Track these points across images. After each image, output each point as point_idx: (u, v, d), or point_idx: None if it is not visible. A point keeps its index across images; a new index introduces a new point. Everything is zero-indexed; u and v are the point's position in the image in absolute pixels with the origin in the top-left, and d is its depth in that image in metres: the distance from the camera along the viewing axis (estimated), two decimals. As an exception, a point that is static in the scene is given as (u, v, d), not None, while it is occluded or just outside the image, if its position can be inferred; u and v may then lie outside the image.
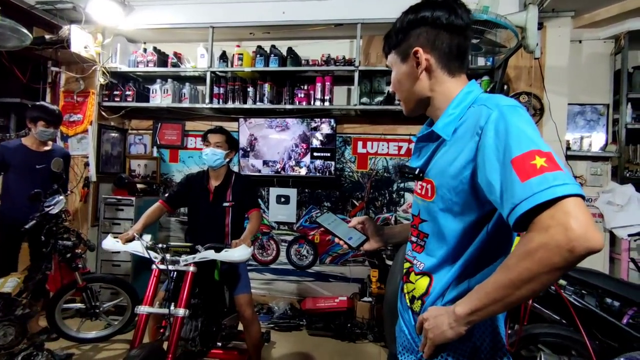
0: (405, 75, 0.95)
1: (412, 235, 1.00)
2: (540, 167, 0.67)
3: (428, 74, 0.91)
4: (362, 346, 3.01)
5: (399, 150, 3.58)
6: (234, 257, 2.01)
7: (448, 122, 0.88)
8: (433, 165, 0.91)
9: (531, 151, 0.69)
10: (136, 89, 3.65)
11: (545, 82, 2.91)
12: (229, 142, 2.49)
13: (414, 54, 0.91)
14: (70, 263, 2.54)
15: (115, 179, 3.62)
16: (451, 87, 0.91)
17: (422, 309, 0.91)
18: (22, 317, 2.21)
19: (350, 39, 3.54)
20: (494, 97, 0.84)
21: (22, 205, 2.64)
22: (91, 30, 3.49)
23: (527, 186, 0.66)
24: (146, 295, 1.96)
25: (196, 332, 2.12)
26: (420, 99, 0.95)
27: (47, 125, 2.73)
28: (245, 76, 3.52)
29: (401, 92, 0.98)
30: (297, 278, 3.72)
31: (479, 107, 0.83)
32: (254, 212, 2.44)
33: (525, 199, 0.66)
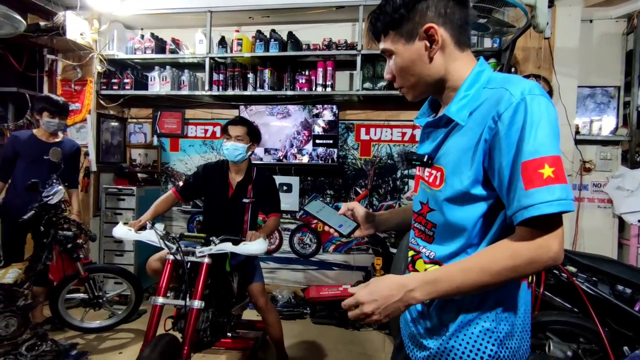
0: (414, 58, 0.84)
1: (416, 222, 0.95)
2: (547, 178, 0.69)
3: (442, 52, 0.83)
4: (366, 334, 3.00)
5: (402, 137, 3.51)
6: (252, 250, 1.98)
7: (463, 105, 0.81)
8: (444, 151, 0.85)
9: (542, 158, 0.70)
10: (134, 76, 3.58)
11: (554, 64, 2.81)
12: (251, 134, 2.34)
13: (426, 32, 0.81)
14: (71, 253, 2.52)
15: (115, 168, 3.59)
16: (462, 64, 0.84)
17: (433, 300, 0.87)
18: (24, 308, 2.20)
19: (352, 22, 3.44)
20: (515, 80, 0.77)
21: (25, 195, 2.63)
22: (87, 16, 3.42)
23: (529, 195, 0.69)
24: (160, 285, 1.93)
25: (207, 322, 2.10)
26: (432, 83, 0.86)
27: (52, 116, 2.72)
28: (245, 62, 3.44)
29: (408, 78, 0.87)
30: (301, 266, 3.70)
31: (500, 91, 0.76)
32: (273, 217, 2.39)
33: (527, 207, 0.69)
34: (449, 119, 0.84)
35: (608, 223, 3.03)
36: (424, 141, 0.95)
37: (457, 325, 0.83)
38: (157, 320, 1.84)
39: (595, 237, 3.04)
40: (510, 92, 0.73)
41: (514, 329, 0.83)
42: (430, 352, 0.87)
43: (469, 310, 0.82)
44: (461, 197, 0.81)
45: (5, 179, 2.74)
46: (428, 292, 0.76)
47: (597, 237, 3.04)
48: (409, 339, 0.96)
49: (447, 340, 0.84)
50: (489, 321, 0.82)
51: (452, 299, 0.83)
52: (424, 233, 0.91)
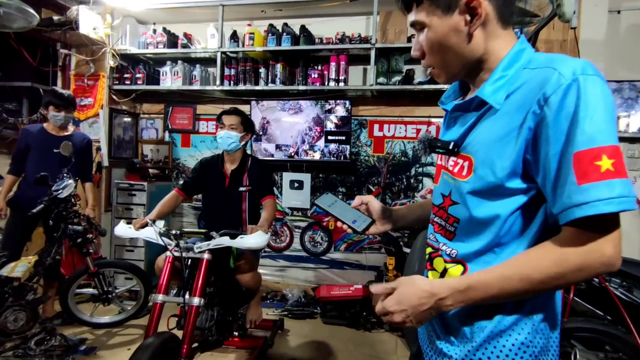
0: (450, 33, 0.73)
1: (436, 216, 0.86)
2: (606, 171, 0.59)
3: (483, 28, 0.73)
4: (378, 335, 2.91)
5: (417, 133, 3.41)
6: (250, 244, 1.92)
7: (500, 87, 0.71)
8: (474, 138, 0.75)
9: (600, 148, 0.60)
10: (146, 71, 3.57)
11: (579, 57, 2.67)
12: (245, 124, 2.38)
13: (467, 4, 0.70)
14: (81, 248, 2.51)
15: (127, 163, 3.58)
16: (503, 43, 0.74)
17: None
18: (33, 302, 2.19)
19: (366, 15, 3.35)
20: (563, 59, 0.66)
21: (37, 189, 2.64)
22: (100, 10, 3.41)
23: (584, 191, 0.60)
24: (160, 283, 1.90)
25: (212, 321, 2.07)
26: (467, 63, 0.76)
27: (58, 110, 2.71)
28: (257, 56, 3.39)
29: (440, 55, 0.76)
30: (311, 265, 3.64)
31: (545, 70, 0.66)
32: (268, 199, 2.35)
33: (579, 204, 0.60)
34: (481, 102, 0.74)
35: (635, 224, 2.88)
36: (450, 127, 0.84)
37: (486, 335, 0.74)
38: (157, 319, 1.81)
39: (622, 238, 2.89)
40: (560, 72, 0.64)
41: (550, 343, 0.75)
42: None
43: (501, 318, 0.73)
44: (492, 190, 0.72)
45: (18, 173, 2.75)
46: (461, 300, 0.69)
47: (623, 239, 2.88)
48: (429, 345, 0.86)
49: (473, 352, 0.75)
50: (525, 333, 0.72)
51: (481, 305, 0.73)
52: (445, 229, 0.82)
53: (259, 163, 2.48)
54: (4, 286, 2.06)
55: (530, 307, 0.73)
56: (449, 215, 0.82)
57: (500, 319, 0.73)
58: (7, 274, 2.09)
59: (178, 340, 1.72)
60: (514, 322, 0.73)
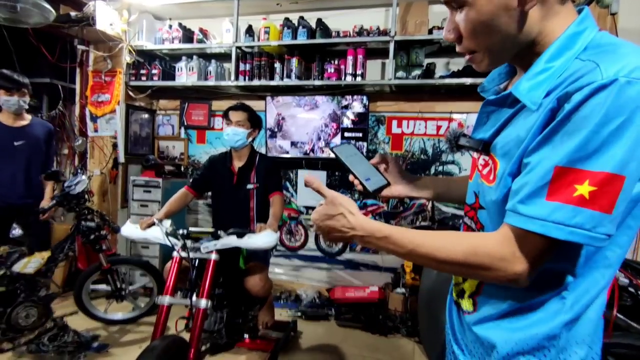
0: (500, 12, 0.59)
1: (467, 216, 0.78)
2: (579, 196, 0.52)
3: (540, 4, 0.59)
4: (395, 340, 2.80)
5: (437, 130, 3.26)
6: (258, 244, 1.85)
7: (539, 83, 0.58)
8: (503, 138, 0.65)
9: (585, 171, 0.51)
10: (162, 67, 3.55)
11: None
12: (252, 120, 2.34)
13: None
14: (94, 245, 2.50)
15: (142, 160, 3.58)
16: (561, 21, 0.60)
17: (477, 310, 0.72)
18: (46, 298, 2.19)
19: (385, 7, 3.22)
20: (620, 52, 0.53)
21: (5, 186, 2.60)
22: (117, 7, 3.40)
23: (545, 207, 0.54)
24: (167, 284, 1.86)
25: (221, 324, 2.02)
26: (518, 46, 0.63)
27: (9, 93, 2.53)
28: (272, 51, 3.31)
29: (485, 38, 0.62)
30: (326, 265, 3.55)
31: (587, 64, 0.54)
32: (276, 195, 2.28)
33: (532, 216, 0.55)
34: (516, 98, 0.62)
35: None
36: (483, 123, 0.73)
37: (502, 356, 0.66)
38: (164, 321, 1.76)
39: None
40: (601, 68, 0.51)
41: None
42: None
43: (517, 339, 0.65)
44: None
45: None
46: (372, 243, 0.69)
47: None
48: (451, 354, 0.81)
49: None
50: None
51: (498, 319, 0.68)
52: (472, 232, 0.74)
53: (266, 160, 2.43)
54: (15, 282, 2.06)
55: (564, 340, 0.63)
56: (478, 219, 0.73)
57: (520, 341, 0.65)
58: (20, 270, 2.08)
59: (185, 344, 1.67)
60: (535, 347, 0.64)
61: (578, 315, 0.62)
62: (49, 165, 2.84)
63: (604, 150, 0.50)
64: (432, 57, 3.09)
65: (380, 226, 0.68)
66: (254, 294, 2.16)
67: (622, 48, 0.54)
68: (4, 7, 2.51)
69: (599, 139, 0.50)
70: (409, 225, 3.32)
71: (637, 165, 0.51)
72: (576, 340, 0.63)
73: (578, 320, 0.62)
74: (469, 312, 0.73)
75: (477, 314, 0.71)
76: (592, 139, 0.51)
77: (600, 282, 0.62)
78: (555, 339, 0.62)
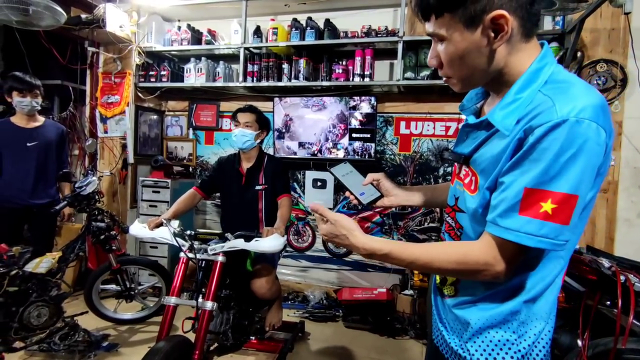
0: (472, 48, 0.70)
1: (449, 217, 0.91)
2: (543, 212, 0.65)
3: (506, 43, 0.70)
4: (403, 343, 2.79)
5: (446, 131, 3.24)
6: (264, 248, 1.85)
7: (510, 112, 0.70)
8: (481, 155, 0.77)
9: (549, 192, 0.65)
10: (171, 68, 3.57)
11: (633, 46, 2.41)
12: (260, 122, 2.34)
13: (494, 20, 0.67)
14: (104, 245, 2.52)
15: (151, 160, 3.61)
16: (525, 56, 0.72)
17: (457, 294, 0.85)
18: (57, 298, 2.21)
19: (394, 8, 3.20)
20: (571, 93, 0.65)
21: (17, 186, 2.63)
22: (126, 8, 3.43)
23: (519, 220, 0.67)
24: (173, 285, 1.87)
25: (228, 325, 2.02)
26: (487, 76, 0.75)
27: (22, 95, 2.56)
28: (280, 52, 3.32)
29: (459, 69, 0.74)
30: (334, 266, 3.54)
31: (546, 100, 0.66)
32: (284, 197, 2.28)
33: (508, 228, 0.68)
34: (490, 123, 0.75)
35: None
36: (463, 140, 0.85)
37: (475, 330, 0.80)
38: (169, 322, 1.77)
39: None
40: (556, 108, 0.64)
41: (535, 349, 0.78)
42: (452, 350, 0.86)
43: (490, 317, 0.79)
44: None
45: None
46: (374, 258, 0.80)
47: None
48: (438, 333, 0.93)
49: (463, 343, 0.82)
50: (510, 332, 0.78)
51: (473, 303, 0.81)
52: (453, 230, 0.88)
53: (275, 161, 2.43)
54: (28, 282, 2.09)
55: (524, 315, 0.77)
56: (457, 221, 0.86)
57: (490, 317, 0.79)
58: (32, 269, 2.11)
59: (190, 345, 1.68)
60: (501, 321, 0.78)
61: (535, 296, 0.76)
62: (63, 166, 2.86)
63: (561, 176, 0.63)
64: (441, 57, 3.06)
65: (381, 245, 0.78)
66: (260, 296, 2.15)
67: (573, 88, 0.66)
68: (17, 10, 2.54)
69: (557, 166, 0.63)
70: (417, 226, 3.30)
71: (586, 185, 0.65)
72: (535, 317, 0.77)
73: (536, 301, 0.77)
74: (450, 296, 0.87)
75: (457, 298, 0.85)
76: (552, 167, 0.63)
77: (554, 270, 0.76)
78: (517, 314, 0.77)
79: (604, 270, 1.35)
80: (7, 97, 2.62)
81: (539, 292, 0.76)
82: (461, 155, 0.82)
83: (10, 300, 2.04)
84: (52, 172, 2.76)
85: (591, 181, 0.66)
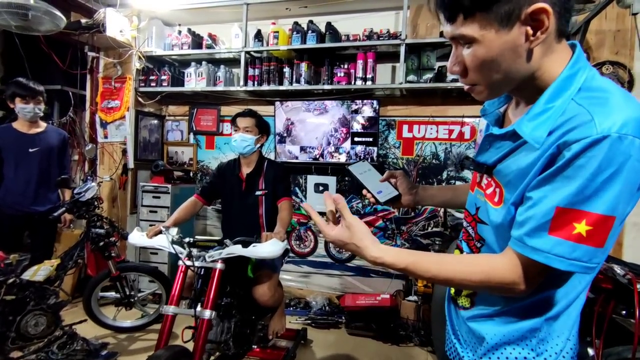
0: (506, 50, 0.63)
1: (469, 225, 0.85)
2: (577, 234, 0.60)
3: (543, 42, 0.63)
4: (407, 350, 2.73)
5: (449, 134, 3.20)
6: (263, 253, 1.81)
7: (541, 123, 0.64)
8: (506, 167, 0.72)
9: (584, 212, 0.59)
10: (171, 73, 3.55)
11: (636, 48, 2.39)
12: (260, 126, 2.31)
13: (533, 15, 0.60)
14: (104, 252, 2.48)
15: (151, 166, 3.58)
16: (557, 58, 0.66)
17: (473, 307, 0.80)
18: (55, 306, 2.17)
19: (395, 10, 3.18)
20: (610, 104, 0.59)
21: (18, 192, 2.60)
22: (126, 13, 3.42)
23: (549, 241, 0.62)
24: (172, 293, 1.83)
25: (229, 334, 1.97)
26: (520, 81, 0.67)
27: (25, 101, 2.55)
28: (281, 56, 3.29)
29: (492, 73, 0.66)
30: (336, 272, 3.50)
31: (582, 112, 0.60)
32: (285, 201, 2.24)
33: (538, 249, 0.63)
34: (517, 134, 0.69)
35: None
36: (486, 149, 0.80)
37: (490, 345, 0.76)
38: (168, 331, 1.73)
39: None
40: (595, 122, 0.58)
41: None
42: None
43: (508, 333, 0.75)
44: None
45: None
46: (391, 269, 0.74)
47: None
48: (452, 347, 0.89)
49: (477, 358, 0.79)
50: (527, 349, 0.73)
51: (490, 317, 0.77)
52: (472, 240, 0.83)
53: (275, 165, 2.39)
54: (25, 290, 2.05)
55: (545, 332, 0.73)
56: (477, 233, 0.81)
57: (507, 333, 0.75)
58: (30, 277, 2.07)
59: (189, 355, 1.63)
60: (519, 338, 0.74)
61: (558, 313, 0.72)
62: (64, 172, 2.83)
63: (598, 195, 0.58)
64: (443, 60, 3.04)
65: (394, 259, 0.72)
66: (262, 303, 2.11)
67: (613, 98, 0.60)
68: (16, 15, 2.52)
69: (594, 185, 0.58)
70: (421, 231, 3.25)
71: (623, 207, 0.60)
72: (557, 334, 0.73)
73: (558, 318, 0.72)
74: (465, 308, 0.82)
75: (473, 310, 0.81)
76: (588, 186, 0.58)
77: (578, 287, 0.72)
78: (537, 331, 0.72)
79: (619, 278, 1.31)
80: (10, 103, 2.60)
81: (562, 308, 0.72)
82: (484, 165, 0.77)
83: (7, 309, 2.01)
84: (54, 178, 2.73)
85: (630, 200, 0.61)
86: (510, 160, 0.71)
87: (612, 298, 1.36)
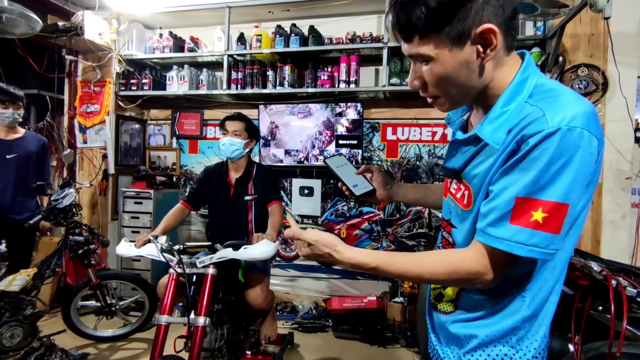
0: (460, 67, 0.69)
1: (445, 231, 0.89)
2: (534, 222, 0.65)
3: (493, 58, 0.70)
4: (394, 351, 2.74)
5: (433, 136, 3.24)
6: (255, 255, 1.79)
7: (499, 125, 0.70)
8: (472, 169, 0.77)
9: (540, 201, 0.64)
10: (153, 76, 3.50)
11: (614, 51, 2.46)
12: (249, 130, 2.28)
13: (482, 35, 0.66)
14: (83, 259, 2.41)
15: (133, 171, 3.51)
16: (507, 69, 0.72)
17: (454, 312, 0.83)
18: (32, 317, 2.10)
19: (378, 14, 3.21)
20: (560, 102, 0.65)
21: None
22: (106, 16, 3.35)
23: (510, 230, 0.66)
24: (164, 302, 1.78)
25: (222, 341, 1.94)
26: (475, 93, 0.74)
27: (4, 106, 2.48)
28: (265, 59, 3.28)
29: (449, 88, 0.72)
30: (323, 275, 3.49)
31: (535, 110, 0.66)
32: (275, 204, 2.22)
33: (500, 237, 0.67)
34: (478, 137, 0.74)
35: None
36: (453, 155, 0.85)
37: (472, 346, 0.79)
38: (162, 341, 1.69)
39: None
40: (547, 118, 0.63)
41: None
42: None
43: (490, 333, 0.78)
44: None
45: None
46: (362, 270, 0.77)
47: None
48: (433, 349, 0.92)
49: (459, 358, 0.81)
50: (508, 347, 0.76)
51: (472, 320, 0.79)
52: (450, 245, 0.86)
53: (264, 170, 2.37)
54: (0, 301, 1.97)
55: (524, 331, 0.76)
56: (452, 236, 0.85)
57: (490, 333, 0.77)
58: (4, 287, 2.00)
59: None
60: (501, 336, 0.77)
61: (535, 312, 0.75)
62: (44, 179, 2.75)
63: (552, 184, 0.63)
64: (425, 63, 3.07)
65: (367, 259, 0.75)
66: (256, 307, 2.08)
67: (562, 97, 0.66)
68: (-11, 18, 2.45)
69: (547, 175, 0.63)
70: (406, 232, 3.27)
71: (576, 194, 0.64)
72: (535, 330, 0.76)
73: (537, 316, 0.75)
74: (447, 313, 0.85)
75: (454, 315, 0.83)
76: (542, 176, 0.63)
77: (550, 280, 0.75)
78: (517, 330, 0.75)
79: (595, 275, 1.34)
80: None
81: (539, 305, 0.75)
82: (452, 170, 0.82)
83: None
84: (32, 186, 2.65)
85: (582, 189, 0.66)
86: (475, 162, 0.76)
87: (589, 294, 1.39)
